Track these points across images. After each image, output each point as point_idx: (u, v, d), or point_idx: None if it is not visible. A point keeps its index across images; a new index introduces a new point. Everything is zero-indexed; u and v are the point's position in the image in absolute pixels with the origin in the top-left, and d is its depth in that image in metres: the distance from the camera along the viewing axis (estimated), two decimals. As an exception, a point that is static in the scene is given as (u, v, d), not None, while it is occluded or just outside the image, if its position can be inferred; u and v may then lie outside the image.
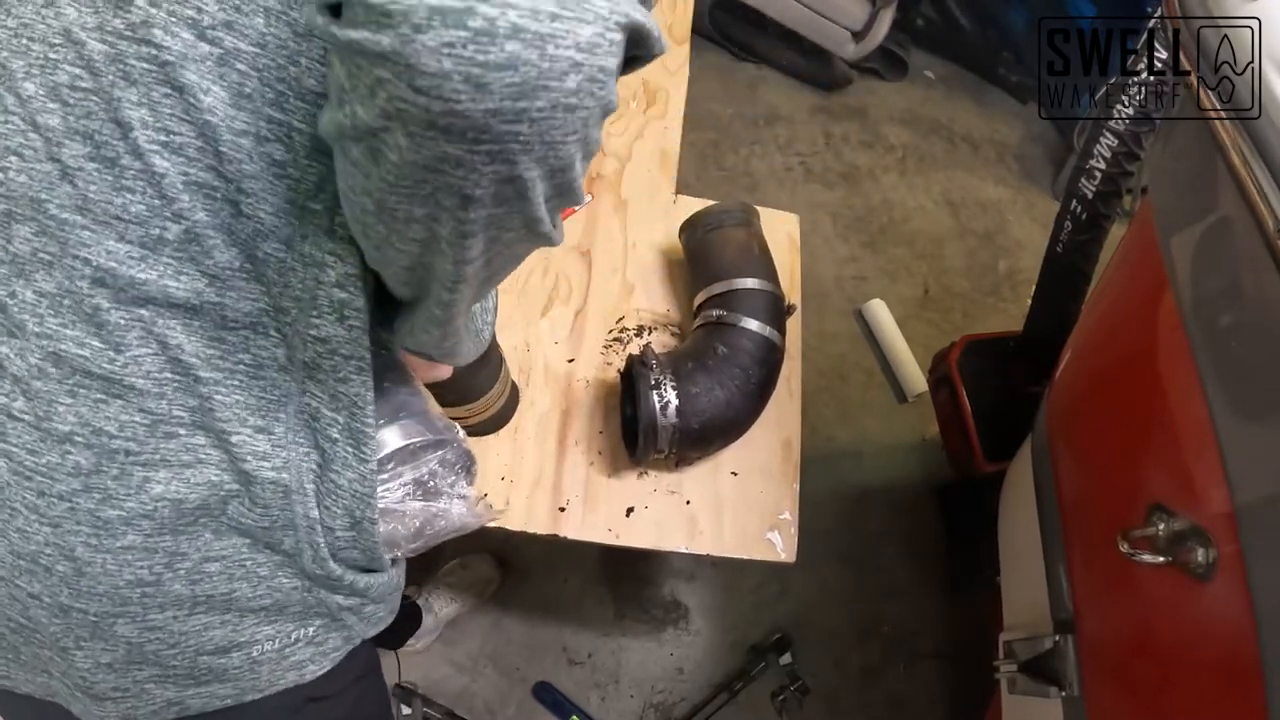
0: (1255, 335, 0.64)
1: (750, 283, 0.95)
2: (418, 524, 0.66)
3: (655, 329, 1.06)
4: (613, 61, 0.34)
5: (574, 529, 0.92)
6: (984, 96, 2.31)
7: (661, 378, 0.87)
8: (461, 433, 0.71)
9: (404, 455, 0.65)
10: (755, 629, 1.49)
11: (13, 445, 0.49)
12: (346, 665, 0.63)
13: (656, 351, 0.91)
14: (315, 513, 0.54)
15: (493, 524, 0.81)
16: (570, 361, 1.02)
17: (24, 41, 0.44)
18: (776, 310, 0.95)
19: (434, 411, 0.71)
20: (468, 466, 0.71)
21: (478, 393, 0.90)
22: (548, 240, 0.43)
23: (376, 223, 0.41)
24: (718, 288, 0.95)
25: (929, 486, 1.65)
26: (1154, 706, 0.74)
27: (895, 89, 2.28)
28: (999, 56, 2.27)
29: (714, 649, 1.47)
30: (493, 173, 0.35)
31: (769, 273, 0.98)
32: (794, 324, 1.03)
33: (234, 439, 0.51)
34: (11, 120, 0.45)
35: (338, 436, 0.53)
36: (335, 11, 0.33)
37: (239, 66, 0.43)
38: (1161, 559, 0.67)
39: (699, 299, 0.98)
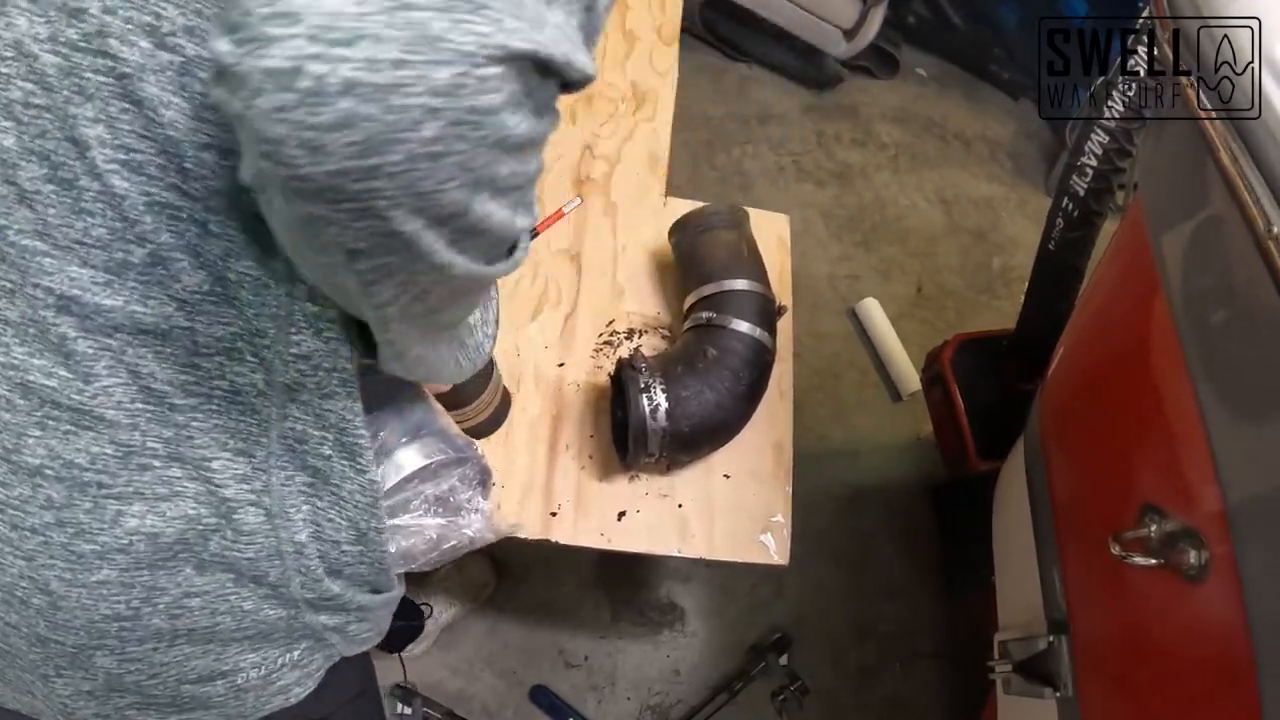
0: (1245, 334, 0.64)
1: (740, 284, 0.94)
2: (435, 539, 0.66)
3: (645, 332, 1.05)
4: (490, 99, 0.30)
5: (566, 534, 0.92)
6: (976, 94, 2.31)
7: (651, 381, 0.86)
8: (480, 448, 0.71)
9: (425, 474, 0.66)
10: (751, 630, 1.48)
11: None
12: (339, 685, 0.62)
13: (646, 355, 0.91)
14: (302, 536, 0.53)
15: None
16: (560, 366, 1.02)
17: None
18: (767, 312, 0.95)
19: (451, 429, 0.71)
20: (485, 481, 0.72)
21: (469, 398, 0.89)
22: (481, 278, 0.39)
23: (300, 266, 0.40)
24: (707, 289, 0.95)
25: (923, 485, 1.65)
26: (1148, 707, 0.74)
27: (887, 87, 2.27)
28: (991, 54, 2.27)
29: (710, 650, 1.46)
30: (367, 228, 0.32)
31: (759, 274, 0.98)
32: (785, 325, 1.02)
33: (214, 464, 0.49)
34: None
35: (330, 453, 0.52)
36: None
37: (200, 75, 0.40)
38: (1154, 561, 0.67)
39: (689, 301, 0.97)
